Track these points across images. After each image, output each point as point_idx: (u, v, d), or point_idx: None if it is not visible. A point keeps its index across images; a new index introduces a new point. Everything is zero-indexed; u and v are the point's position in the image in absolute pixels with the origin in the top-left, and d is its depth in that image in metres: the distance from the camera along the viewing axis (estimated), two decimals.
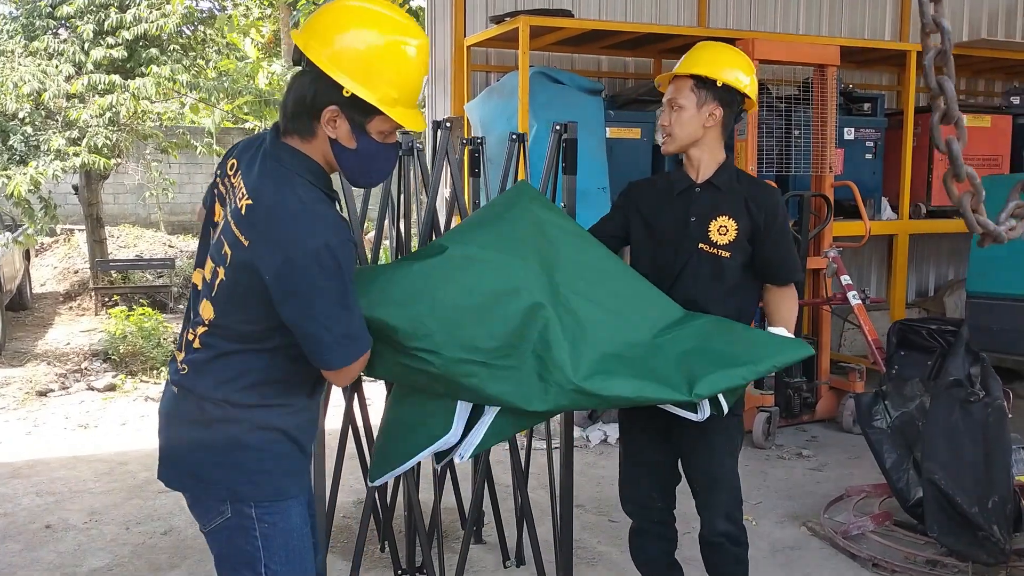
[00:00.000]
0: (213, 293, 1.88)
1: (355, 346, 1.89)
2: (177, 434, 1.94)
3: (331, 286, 1.80)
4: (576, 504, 4.32)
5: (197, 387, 1.90)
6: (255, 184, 1.85)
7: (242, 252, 1.81)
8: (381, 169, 1.96)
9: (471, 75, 6.25)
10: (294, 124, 1.88)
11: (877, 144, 6.44)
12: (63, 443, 5.66)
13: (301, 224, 1.79)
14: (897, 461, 3.76)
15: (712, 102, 2.68)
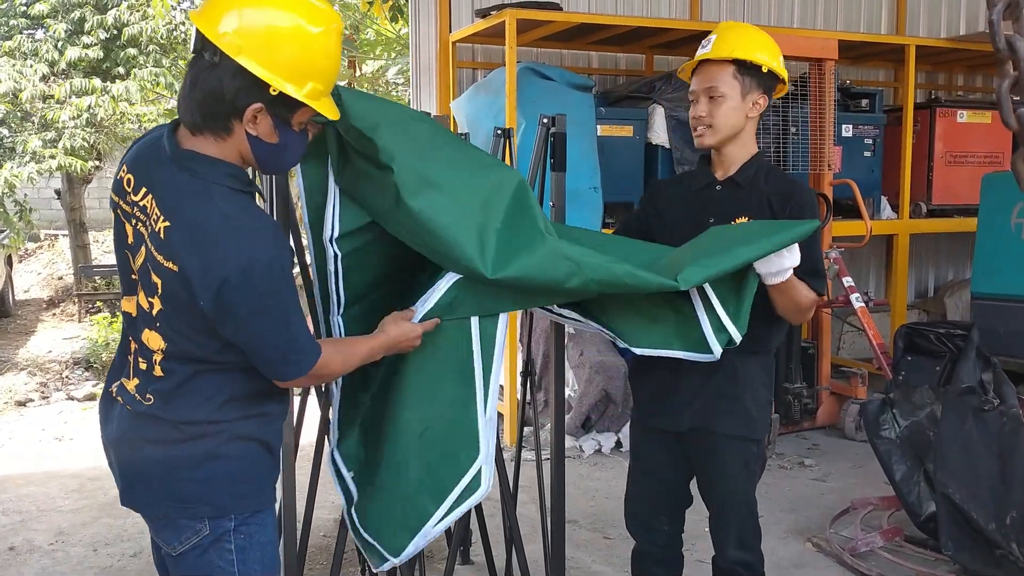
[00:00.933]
0: (157, 324, 1.79)
1: (304, 359, 1.83)
2: (145, 457, 1.83)
3: (269, 303, 1.72)
4: (569, 520, 4.13)
5: (171, 414, 1.81)
6: (168, 202, 1.72)
7: (172, 279, 1.71)
8: (295, 155, 1.88)
9: (457, 72, 6.06)
10: (207, 123, 1.74)
11: (876, 141, 6.27)
12: (36, 457, 5.45)
13: (228, 242, 1.68)
14: (907, 473, 3.57)
15: (756, 90, 2.45)
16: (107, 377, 1.96)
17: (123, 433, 1.86)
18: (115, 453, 1.89)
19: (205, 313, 1.70)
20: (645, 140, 5.53)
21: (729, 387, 2.45)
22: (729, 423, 2.47)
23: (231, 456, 1.82)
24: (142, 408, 1.82)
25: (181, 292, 1.70)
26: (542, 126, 2.75)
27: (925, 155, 6.43)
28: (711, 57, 2.44)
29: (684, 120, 5.46)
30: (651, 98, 5.57)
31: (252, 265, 1.67)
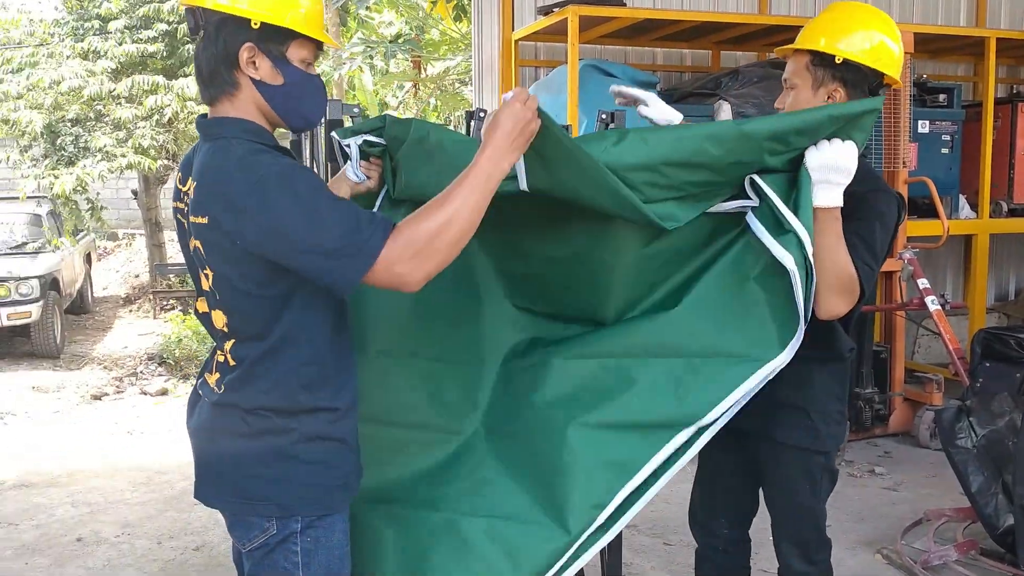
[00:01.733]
0: (217, 297, 1.78)
1: (360, 254, 1.62)
2: (218, 450, 1.83)
3: (291, 210, 1.63)
4: (628, 525, 4.05)
5: (241, 401, 1.79)
6: (198, 169, 1.76)
7: (206, 232, 1.72)
8: (313, 101, 1.84)
9: (519, 70, 6.02)
10: (215, 86, 1.77)
11: (954, 138, 6.02)
12: (107, 450, 5.61)
13: (239, 172, 1.67)
14: (984, 484, 3.40)
15: (832, 82, 2.23)
16: (199, 374, 1.99)
17: (200, 425, 1.87)
18: (195, 444, 1.89)
19: (243, 249, 1.67)
20: None
21: (795, 396, 2.30)
22: (791, 433, 2.34)
23: (304, 458, 1.79)
24: (216, 398, 1.82)
25: (218, 240, 1.70)
26: (600, 122, 2.70)
27: (1006, 152, 6.17)
28: (796, 47, 2.30)
29: (751, 116, 5.34)
30: (717, 94, 5.45)
31: (262, 180, 1.64)
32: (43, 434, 6.11)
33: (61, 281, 9.36)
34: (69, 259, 9.99)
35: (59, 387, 7.65)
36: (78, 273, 10.60)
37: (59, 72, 9.55)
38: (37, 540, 4.05)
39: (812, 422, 2.31)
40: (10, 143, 10.82)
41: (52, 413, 6.82)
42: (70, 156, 9.79)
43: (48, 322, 8.81)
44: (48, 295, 8.78)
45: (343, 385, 1.85)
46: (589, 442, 1.98)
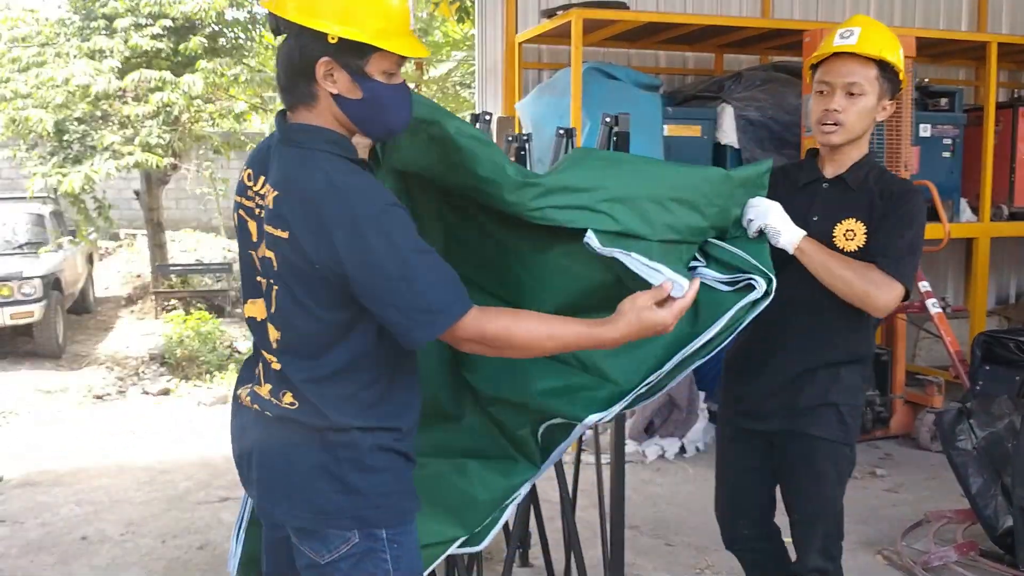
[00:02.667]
0: (272, 309, 1.76)
1: (435, 319, 1.67)
2: (288, 466, 1.80)
3: (382, 260, 1.63)
4: (630, 526, 4.08)
5: (309, 418, 1.76)
6: (277, 175, 1.72)
7: (285, 248, 1.68)
8: (397, 113, 1.79)
9: (522, 73, 6.04)
10: (293, 95, 1.74)
11: (955, 142, 6.04)
12: (110, 450, 5.62)
13: (333, 200, 1.64)
14: (984, 486, 3.43)
15: (887, 95, 2.36)
16: (236, 383, 1.95)
17: (262, 440, 1.83)
18: (252, 461, 1.85)
19: (321, 275, 1.66)
20: (713, 140, 5.43)
21: (827, 394, 2.44)
22: (824, 427, 2.44)
23: (377, 468, 1.78)
24: (279, 411, 1.79)
25: (295, 258, 1.67)
26: (604, 125, 2.71)
27: (1007, 156, 6.18)
28: (859, 52, 2.31)
29: (754, 120, 5.36)
30: (720, 97, 5.47)
31: (357, 221, 1.62)
32: (46, 434, 6.13)
33: (63, 281, 9.37)
34: (71, 259, 10.00)
35: (61, 387, 7.67)
36: (80, 273, 10.61)
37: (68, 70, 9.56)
38: (42, 538, 4.07)
39: (841, 415, 2.43)
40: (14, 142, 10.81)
41: (54, 413, 6.84)
42: (77, 154, 9.79)
43: (50, 322, 8.82)
44: (50, 295, 8.78)
45: (407, 405, 1.85)
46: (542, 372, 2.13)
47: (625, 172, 2.07)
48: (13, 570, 3.75)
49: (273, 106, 12.05)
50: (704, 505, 4.35)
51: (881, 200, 2.35)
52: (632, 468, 4.88)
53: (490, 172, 1.93)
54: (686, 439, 5.15)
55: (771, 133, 5.33)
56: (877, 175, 2.41)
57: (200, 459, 5.22)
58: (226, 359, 8.30)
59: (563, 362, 2.15)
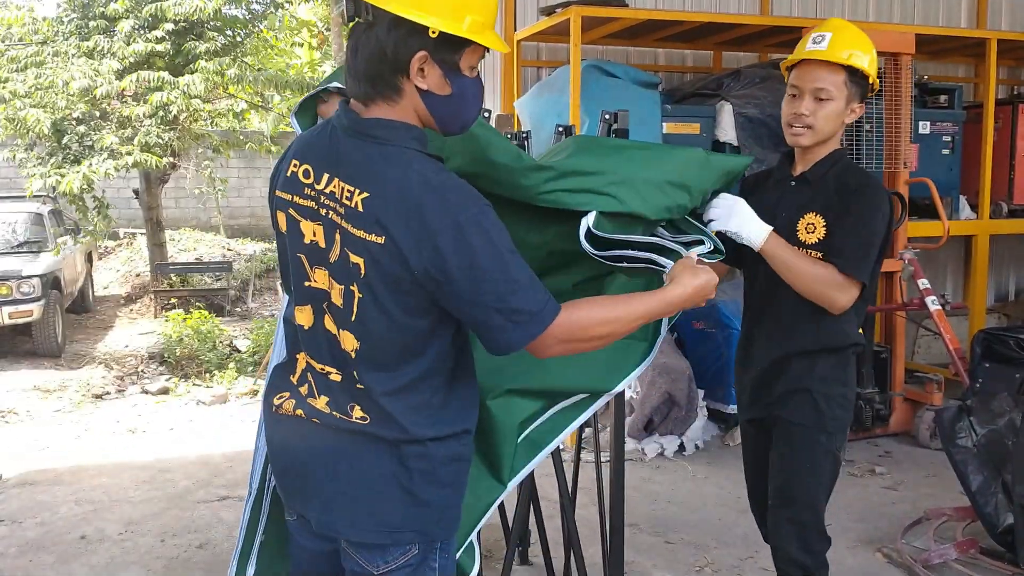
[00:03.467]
0: (353, 318, 1.67)
1: (533, 320, 1.64)
2: (354, 480, 1.74)
3: (485, 262, 1.59)
4: (630, 523, 4.07)
5: (384, 431, 1.70)
6: (362, 174, 1.63)
7: (379, 252, 1.60)
8: (474, 107, 1.74)
9: (521, 71, 6.04)
10: (375, 88, 1.64)
11: (955, 139, 6.04)
12: (109, 448, 5.61)
13: (433, 202, 1.58)
14: (984, 483, 3.42)
15: (857, 99, 2.47)
16: (268, 389, 1.87)
17: (323, 451, 1.76)
18: (308, 474, 1.78)
19: (418, 282, 1.60)
20: (712, 138, 5.42)
21: (801, 380, 2.51)
22: (795, 412, 2.51)
23: (445, 482, 1.75)
24: (349, 425, 1.72)
25: (391, 264, 1.59)
26: (603, 122, 2.71)
27: (1007, 153, 6.18)
28: (828, 59, 2.41)
29: (752, 117, 5.35)
30: (719, 95, 5.47)
31: (459, 221, 1.57)
32: (45, 433, 6.12)
33: (62, 280, 9.37)
34: (70, 258, 10.00)
35: (61, 386, 7.66)
36: (79, 272, 10.61)
37: (68, 72, 9.53)
38: (41, 538, 4.06)
39: (815, 401, 2.48)
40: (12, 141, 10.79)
41: (53, 412, 6.83)
42: (76, 154, 9.77)
43: (49, 321, 8.81)
44: (49, 294, 8.78)
45: (471, 400, 1.81)
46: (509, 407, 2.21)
47: (626, 157, 2.17)
48: (12, 570, 3.75)
49: (273, 104, 12.03)
50: (704, 502, 4.37)
51: (837, 195, 2.43)
52: (631, 466, 4.88)
53: (505, 158, 1.99)
54: (685, 437, 5.14)
55: (770, 130, 5.32)
56: (840, 170, 2.49)
57: (200, 458, 5.22)
58: (226, 358, 8.29)
59: None
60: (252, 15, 11.54)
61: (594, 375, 2.29)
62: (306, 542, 1.87)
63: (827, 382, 2.51)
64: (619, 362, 2.32)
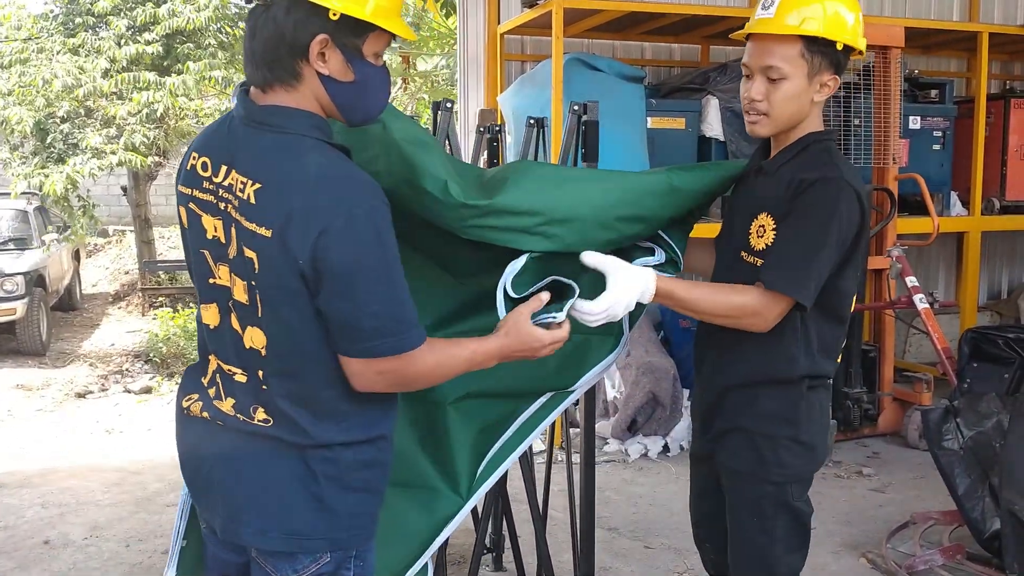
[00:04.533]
0: (259, 314, 1.58)
1: (407, 335, 1.58)
2: (261, 486, 1.65)
3: (372, 262, 1.52)
4: (609, 527, 3.99)
5: (290, 435, 1.62)
6: (255, 164, 1.56)
7: (268, 246, 1.53)
8: (380, 97, 1.67)
9: (505, 65, 5.92)
10: (273, 73, 1.57)
11: (946, 134, 5.93)
12: (84, 450, 5.52)
13: (324, 192, 1.51)
14: (971, 487, 3.32)
15: (828, 70, 2.01)
16: (180, 391, 1.79)
17: (227, 457, 1.67)
18: (213, 480, 1.69)
19: (305, 279, 1.52)
20: (698, 133, 5.32)
21: (738, 418, 2.13)
22: (732, 455, 2.15)
23: (356, 487, 1.67)
24: (251, 428, 1.64)
25: (279, 260, 1.52)
26: (572, 114, 2.61)
27: (999, 148, 6.08)
28: (772, 31, 1.98)
29: (739, 112, 5.23)
30: (705, 89, 5.36)
31: (352, 213, 1.49)
32: (24, 432, 6.03)
33: (47, 278, 9.28)
34: (56, 256, 9.90)
35: (44, 385, 7.58)
36: (65, 270, 10.53)
37: (51, 69, 9.43)
38: (3, 543, 3.95)
39: (756, 446, 2.10)
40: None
41: (35, 411, 6.75)
42: (60, 153, 9.70)
43: (33, 319, 8.72)
44: (34, 292, 8.69)
45: (387, 404, 1.73)
46: (468, 412, 2.10)
47: (567, 193, 1.97)
48: None
49: None
50: (686, 505, 4.22)
51: (787, 191, 2.01)
52: (614, 467, 4.78)
53: (432, 187, 1.84)
54: (669, 437, 5.04)
55: None
56: (802, 161, 2.05)
57: (172, 460, 4.98)
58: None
59: None
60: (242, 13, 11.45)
61: (558, 372, 2.17)
62: (219, 552, 1.77)
63: (770, 422, 2.08)
64: (584, 358, 2.19)
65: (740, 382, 2.12)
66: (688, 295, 1.99)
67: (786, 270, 1.97)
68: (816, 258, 1.96)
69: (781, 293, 1.96)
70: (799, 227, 1.98)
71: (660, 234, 2.12)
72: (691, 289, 2.01)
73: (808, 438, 2.11)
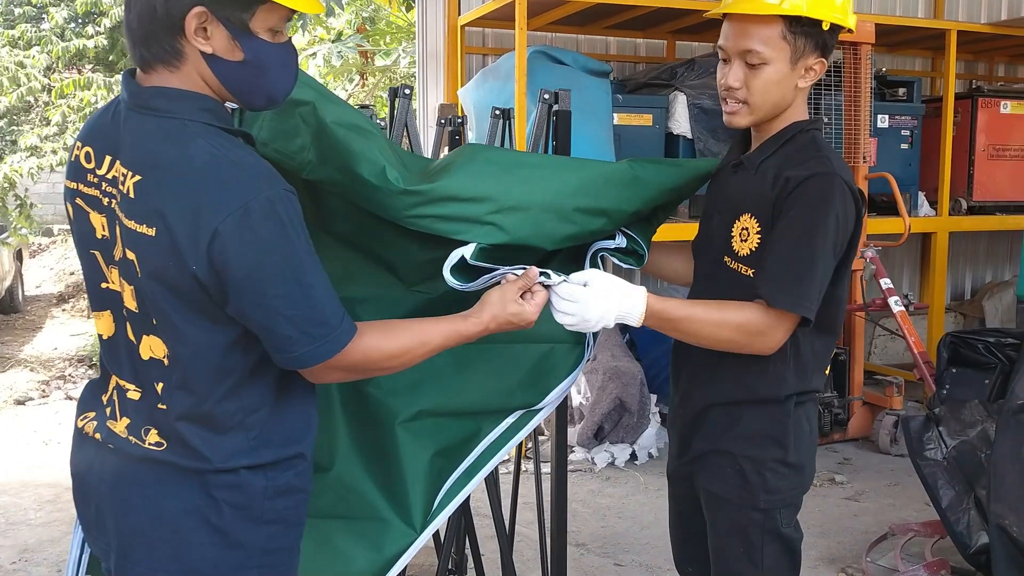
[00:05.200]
0: (153, 322, 1.40)
1: (332, 335, 1.41)
2: (153, 517, 1.46)
3: (275, 259, 1.33)
4: (577, 543, 3.79)
5: (187, 460, 1.44)
6: (136, 154, 1.36)
7: (152, 247, 1.33)
8: (280, 77, 1.45)
9: (465, 58, 5.71)
10: (150, 51, 1.37)
11: (913, 133, 5.85)
12: (19, 463, 5.18)
13: (216, 184, 1.31)
14: (955, 499, 3.18)
15: (813, 52, 1.83)
16: (78, 408, 1.60)
17: (118, 483, 1.48)
18: (105, 509, 1.51)
19: (199, 283, 1.34)
20: (665, 130, 5.16)
21: (720, 439, 1.94)
22: (714, 479, 1.96)
23: (268, 518, 1.48)
24: (143, 452, 1.45)
25: (165, 262, 1.33)
26: (543, 103, 2.40)
27: (966, 148, 6.01)
28: (751, 11, 1.79)
29: (708, 109, 5.10)
30: (672, 85, 5.20)
31: (247, 208, 1.31)
32: None
33: None
34: None
35: None
36: (7, 271, 10.15)
37: None
38: None
39: (740, 469, 1.91)
40: None
41: None
42: None
43: None
44: None
45: (304, 418, 1.54)
46: (421, 433, 1.90)
47: (520, 179, 1.78)
48: None
49: None
50: (656, 517, 4.09)
51: (774, 189, 1.81)
52: (580, 477, 4.60)
53: (369, 174, 1.64)
54: (637, 445, 4.87)
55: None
56: (788, 154, 1.85)
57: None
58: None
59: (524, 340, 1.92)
60: None
61: (524, 387, 1.96)
62: None
63: (756, 443, 1.90)
64: (550, 371, 1.98)
65: (722, 400, 1.94)
66: (689, 314, 1.79)
67: (788, 283, 1.76)
68: (816, 267, 1.78)
69: (787, 311, 1.77)
70: (794, 232, 1.78)
71: (622, 229, 1.93)
72: (690, 308, 1.80)
73: (797, 459, 1.93)
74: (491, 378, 1.92)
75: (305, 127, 1.65)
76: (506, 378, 1.94)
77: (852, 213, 1.82)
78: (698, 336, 1.81)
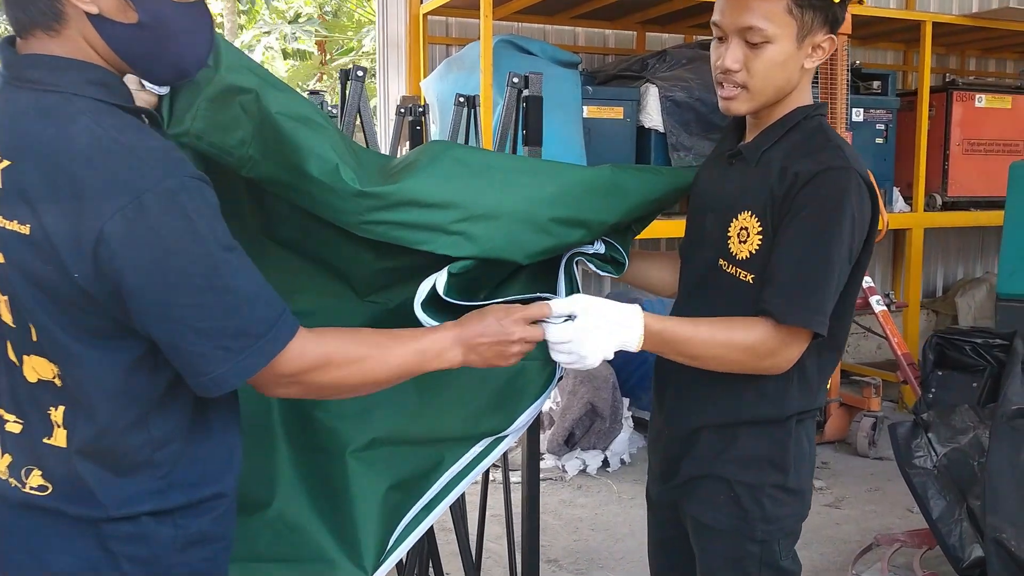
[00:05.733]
0: (33, 338, 1.17)
1: (254, 346, 1.17)
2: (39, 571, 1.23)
3: (184, 263, 1.10)
4: (548, 559, 3.59)
5: (85, 508, 1.21)
6: (6, 136, 1.12)
7: (24, 247, 1.10)
8: (193, 46, 1.22)
9: (428, 48, 5.49)
10: (24, 11, 1.14)
11: (888, 127, 5.73)
12: None
13: (101, 172, 1.08)
14: (947, 510, 3.02)
15: (821, 28, 1.61)
16: None
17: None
18: None
19: (82, 290, 1.11)
20: (636, 123, 4.97)
21: (713, 463, 1.75)
22: (705, 508, 1.77)
23: (182, 573, 1.26)
24: (23, 498, 1.22)
25: (40, 264, 1.11)
26: (511, 87, 2.19)
27: (940, 143, 5.91)
28: None
29: (680, 101, 4.91)
30: (644, 76, 5.02)
31: (141, 202, 1.08)
32: None
33: None
34: None
35: None
36: None
37: None
38: None
39: (736, 496, 1.72)
40: None
41: None
42: None
43: None
44: None
45: (227, 458, 1.31)
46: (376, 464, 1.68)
47: (492, 183, 1.58)
48: None
49: None
50: (631, 529, 3.90)
51: (781, 184, 1.61)
52: (551, 487, 4.39)
53: (319, 172, 1.43)
54: (610, 451, 4.68)
55: (698, 115, 4.90)
56: (794, 144, 1.65)
57: None
58: None
59: None
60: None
61: (491, 411, 1.75)
62: None
63: (753, 467, 1.71)
64: (520, 392, 1.76)
65: (716, 422, 1.74)
66: (692, 335, 1.58)
67: (800, 297, 1.56)
68: (831, 276, 1.58)
69: (800, 327, 1.58)
70: (806, 237, 1.57)
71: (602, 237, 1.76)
72: (693, 328, 1.59)
73: (797, 483, 1.75)
74: (454, 401, 1.71)
75: (246, 118, 1.43)
76: (470, 401, 1.73)
77: (868, 212, 1.63)
78: (703, 359, 1.61)
